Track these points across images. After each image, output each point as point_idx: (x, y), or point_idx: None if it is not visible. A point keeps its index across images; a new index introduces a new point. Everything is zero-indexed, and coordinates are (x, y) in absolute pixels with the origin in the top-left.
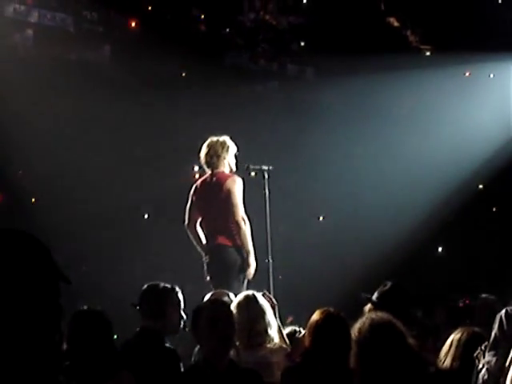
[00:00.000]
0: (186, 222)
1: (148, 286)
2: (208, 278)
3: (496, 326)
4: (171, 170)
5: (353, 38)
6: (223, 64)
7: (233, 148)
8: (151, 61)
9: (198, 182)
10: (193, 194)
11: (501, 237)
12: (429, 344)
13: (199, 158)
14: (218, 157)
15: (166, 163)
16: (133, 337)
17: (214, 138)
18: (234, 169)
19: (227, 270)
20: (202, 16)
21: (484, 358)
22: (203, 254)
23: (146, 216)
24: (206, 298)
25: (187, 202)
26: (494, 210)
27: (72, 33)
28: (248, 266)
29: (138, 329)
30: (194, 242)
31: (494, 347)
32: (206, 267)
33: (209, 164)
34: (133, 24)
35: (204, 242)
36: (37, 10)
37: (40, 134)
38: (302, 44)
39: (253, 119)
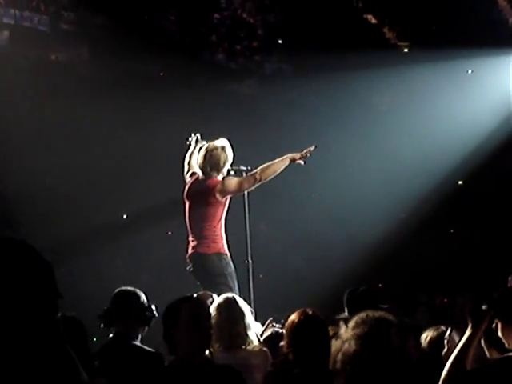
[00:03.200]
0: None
1: (117, 292)
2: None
3: None
4: (149, 169)
5: (330, 35)
6: (201, 62)
7: (230, 159)
8: (129, 61)
9: (188, 183)
10: (184, 196)
11: (482, 233)
12: (410, 342)
13: (196, 159)
14: (216, 170)
15: (144, 163)
16: (108, 342)
17: (217, 145)
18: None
19: (213, 278)
20: (180, 15)
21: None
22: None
23: (124, 216)
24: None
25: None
26: (474, 206)
27: (49, 33)
28: (289, 160)
29: (111, 335)
30: None
31: None
32: (191, 273)
33: (203, 171)
34: (109, 24)
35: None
36: (13, 10)
37: (17, 134)
38: (280, 42)
39: (230, 118)
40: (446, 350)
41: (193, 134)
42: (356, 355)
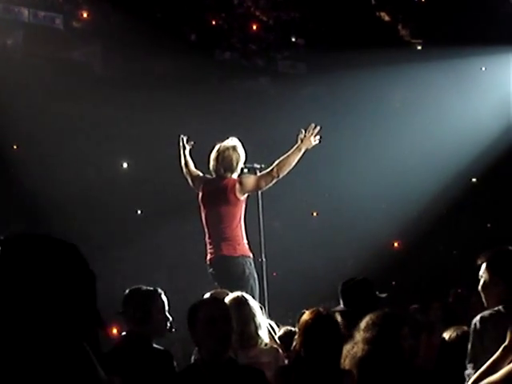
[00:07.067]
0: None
1: (130, 291)
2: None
3: (472, 335)
4: (163, 168)
5: (344, 33)
6: (214, 60)
7: (243, 158)
8: (142, 59)
9: (201, 188)
10: (199, 200)
11: (495, 230)
12: (423, 340)
13: (208, 161)
14: (230, 171)
15: (157, 162)
16: (120, 342)
17: (229, 146)
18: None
19: (237, 282)
20: (192, 13)
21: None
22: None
23: (139, 212)
24: (205, 296)
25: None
26: (487, 203)
27: (63, 32)
28: (303, 150)
29: (123, 333)
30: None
31: (474, 358)
32: (212, 278)
33: (217, 172)
34: (123, 22)
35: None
36: (27, 9)
37: (30, 131)
38: (293, 39)
39: (244, 116)
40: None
41: (182, 137)
42: (363, 359)
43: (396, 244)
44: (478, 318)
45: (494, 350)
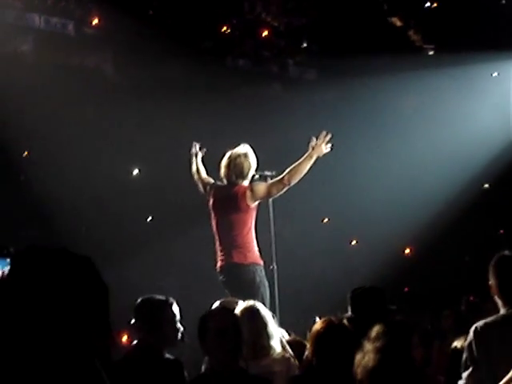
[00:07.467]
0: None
1: (141, 301)
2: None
3: (467, 345)
4: (174, 175)
5: (355, 39)
6: (226, 67)
7: (254, 164)
8: (154, 66)
9: (212, 194)
10: (210, 207)
11: (508, 236)
12: (434, 349)
13: (219, 168)
14: (242, 178)
15: (168, 169)
16: (130, 351)
17: (240, 153)
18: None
19: (248, 290)
20: (203, 20)
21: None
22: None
23: (149, 219)
24: (214, 305)
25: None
26: (500, 209)
27: (73, 38)
28: (315, 157)
29: (134, 342)
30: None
31: (467, 368)
32: (222, 285)
33: (228, 179)
34: (134, 28)
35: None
36: (37, 15)
37: (41, 137)
38: (305, 45)
39: (256, 122)
40: None
41: (194, 144)
42: (374, 369)
43: (408, 251)
44: (473, 328)
45: (486, 359)
